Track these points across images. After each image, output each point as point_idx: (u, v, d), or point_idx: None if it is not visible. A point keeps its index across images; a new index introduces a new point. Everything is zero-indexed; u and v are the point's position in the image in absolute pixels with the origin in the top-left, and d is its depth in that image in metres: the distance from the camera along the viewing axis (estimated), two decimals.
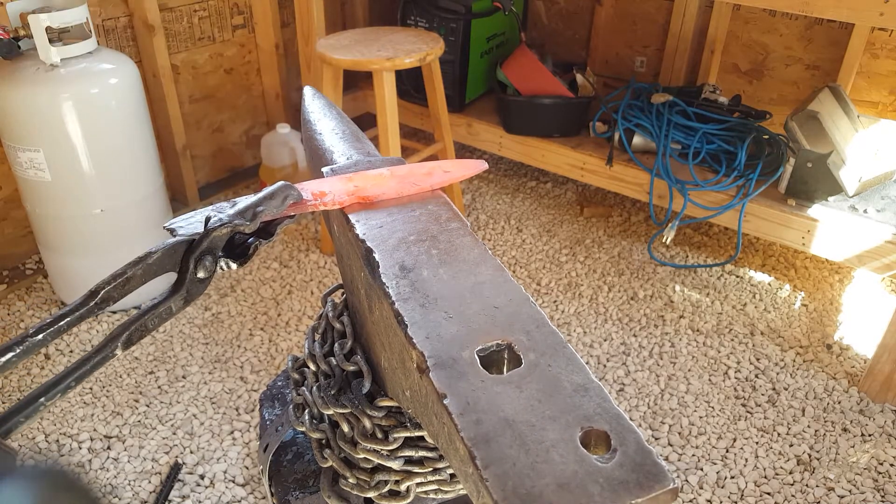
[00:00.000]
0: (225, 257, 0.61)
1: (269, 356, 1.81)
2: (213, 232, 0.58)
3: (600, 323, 1.95)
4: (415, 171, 0.73)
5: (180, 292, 0.58)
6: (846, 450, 1.57)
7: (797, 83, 2.35)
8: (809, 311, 2.00)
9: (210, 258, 0.59)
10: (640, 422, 1.64)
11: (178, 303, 0.59)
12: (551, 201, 2.53)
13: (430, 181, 0.72)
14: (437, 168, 0.74)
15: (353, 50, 1.89)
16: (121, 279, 0.55)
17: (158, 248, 0.57)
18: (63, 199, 1.75)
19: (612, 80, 2.72)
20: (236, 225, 0.59)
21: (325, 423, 0.76)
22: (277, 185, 0.64)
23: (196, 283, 0.59)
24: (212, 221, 0.59)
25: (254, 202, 0.62)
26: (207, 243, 0.59)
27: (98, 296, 0.54)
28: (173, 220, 0.61)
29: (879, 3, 1.52)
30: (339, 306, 0.83)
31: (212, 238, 0.59)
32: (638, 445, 0.43)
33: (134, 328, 0.56)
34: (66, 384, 0.52)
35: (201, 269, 0.59)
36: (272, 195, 0.63)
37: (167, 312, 0.58)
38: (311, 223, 2.37)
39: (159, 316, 0.57)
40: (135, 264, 0.55)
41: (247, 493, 1.46)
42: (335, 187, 0.69)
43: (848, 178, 1.89)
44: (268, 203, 0.63)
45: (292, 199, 0.65)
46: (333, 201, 0.68)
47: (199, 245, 0.58)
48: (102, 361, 0.54)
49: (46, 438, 1.58)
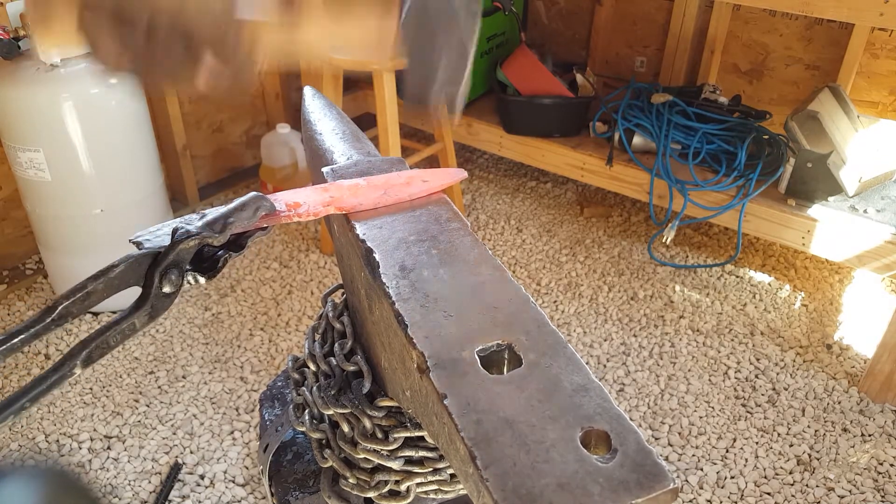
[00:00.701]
0: (193, 271, 0.58)
1: (269, 356, 1.81)
2: (179, 244, 0.56)
3: (600, 323, 1.95)
4: (392, 180, 0.71)
5: (144, 308, 0.55)
6: (846, 450, 1.57)
7: (797, 83, 2.35)
8: (809, 311, 2.00)
9: (176, 272, 0.56)
10: (640, 422, 1.64)
11: (142, 319, 0.55)
12: (551, 201, 2.53)
13: (408, 191, 0.70)
14: (416, 178, 0.72)
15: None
16: (80, 293, 0.52)
17: (121, 262, 0.54)
18: (63, 199, 1.75)
19: (612, 80, 2.72)
20: (204, 237, 0.56)
21: (325, 423, 0.76)
22: (249, 197, 0.62)
23: (161, 297, 0.56)
24: (178, 233, 0.56)
25: (224, 213, 0.59)
26: (173, 256, 0.56)
27: (56, 311, 0.51)
28: (139, 233, 0.58)
29: (879, 3, 1.52)
30: (339, 306, 0.83)
31: (178, 251, 0.56)
32: (638, 445, 0.43)
33: (95, 345, 0.53)
34: (21, 405, 0.48)
35: (167, 284, 0.56)
36: (243, 206, 0.60)
37: (130, 329, 0.55)
38: (311, 223, 2.37)
39: (122, 332, 0.54)
40: (96, 278, 0.53)
41: (247, 493, 1.46)
42: (310, 198, 0.67)
43: (848, 178, 1.89)
44: (238, 215, 0.60)
45: (264, 210, 0.62)
46: (308, 212, 0.66)
47: (165, 258, 0.55)
48: (60, 380, 0.51)
49: (46, 438, 1.58)
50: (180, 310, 1.97)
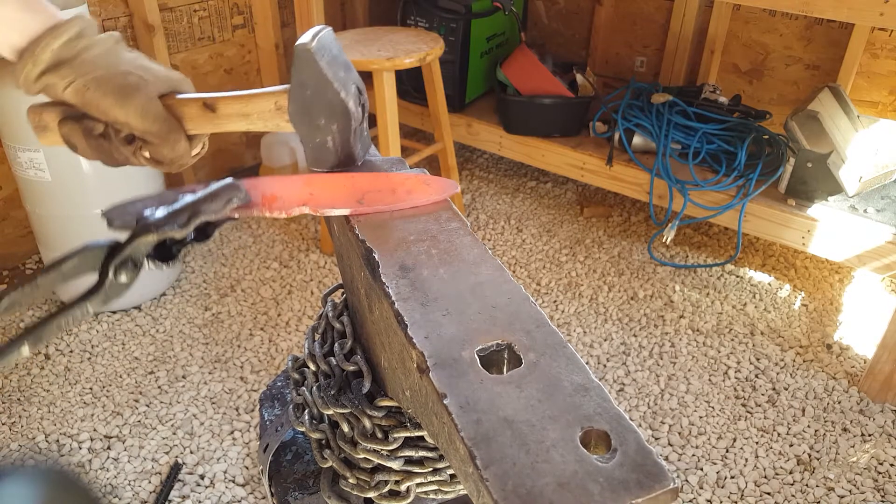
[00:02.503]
0: (152, 258, 0.58)
1: (269, 356, 1.81)
2: (136, 239, 0.55)
3: (600, 323, 1.95)
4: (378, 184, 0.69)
5: (99, 294, 0.55)
6: (846, 450, 1.57)
7: (797, 83, 2.35)
8: (809, 311, 2.00)
9: (131, 265, 0.56)
10: (640, 422, 1.64)
11: (96, 304, 0.55)
12: (551, 201, 2.53)
13: (393, 199, 0.68)
14: (401, 187, 0.69)
15: (353, 50, 1.89)
16: (29, 285, 0.52)
17: (73, 255, 0.54)
18: (63, 199, 1.75)
19: (612, 80, 2.72)
20: (164, 232, 0.56)
21: (324, 423, 0.76)
22: (222, 184, 0.60)
23: (117, 286, 0.56)
24: (138, 227, 0.56)
25: (191, 204, 0.58)
26: (129, 251, 0.55)
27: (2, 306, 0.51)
28: (112, 205, 0.58)
29: (879, 3, 1.52)
30: (339, 306, 0.83)
31: (135, 245, 0.55)
32: (638, 445, 0.43)
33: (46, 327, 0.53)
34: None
35: (123, 275, 0.55)
36: (215, 196, 0.59)
37: (83, 313, 0.55)
38: (311, 223, 2.38)
39: (74, 316, 0.54)
40: (46, 272, 0.53)
41: (247, 493, 1.46)
42: (288, 193, 0.66)
43: (848, 178, 1.89)
44: (207, 206, 0.58)
45: (237, 201, 0.61)
46: (281, 209, 0.64)
47: (121, 252, 0.55)
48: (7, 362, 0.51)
49: (46, 438, 1.58)
50: (180, 310, 1.97)
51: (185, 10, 2.26)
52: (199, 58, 2.36)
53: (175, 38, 2.26)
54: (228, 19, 2.40)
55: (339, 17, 2.84)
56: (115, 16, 2.12)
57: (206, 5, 2.32)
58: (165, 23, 2.21)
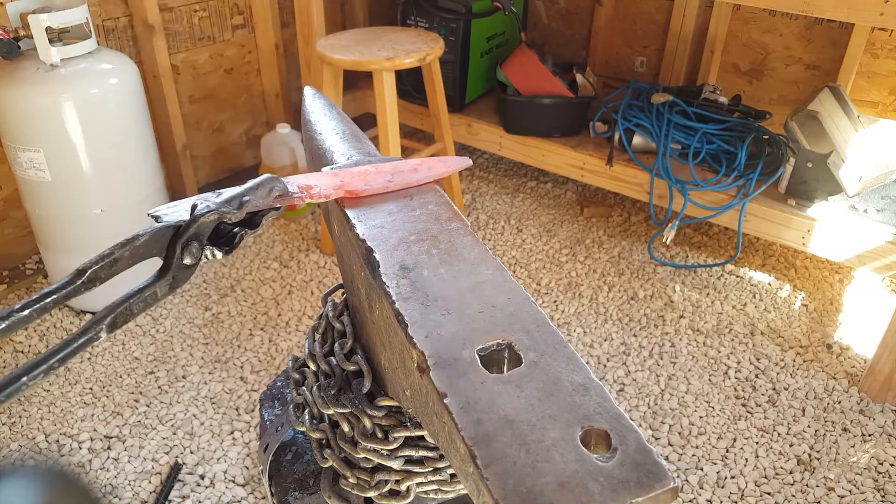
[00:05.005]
0: (211, 245, 0.62)
1: (269, 356, 1.81)
2: (200, 218, 0.59)
3: (600, 323, 1.95)
4: (400, 167, 0.74)
5: (166, 277, 0.58)
6: (846, 450, 1.57)
7: (797, 83, 2.35)
8: (809, 311, 2.00)
9: (196, 245, 0.59)
10: (640, 421, 1.64)
11: (163, 288, 0.59)
12: (551, 201, 2.53)
13: (416, 177, 0.73)
14: (423, 164, 0.75)
15: (353, 50, 1.89)
16: (108, 259, 0.55)
17: (146, 232, 0.57)
18: (63, 199, 1.75)
19: (612, 80, 2.72)
20: (223, 213, 0.60)
21: (325, 422, 0.76)
22: (264, 177, 0.65)
23: (182, 269, 0.59)
24: (199, 208, 0.59)
25: (240, 192, 0.63)
26: (194, 229, 0.59)
27: (85, 275, 0.54)
28: (158, 207, 0.61)
29: (879, 3, 1.52)
30: (339, 306, 0.83)
31: (199, 224, 0.59)
32: (638, 445, 0.43)
33: (119, 311, 0.56)
34: (49, 364, 0.51)
35: (188, 256, 0.59)
36: (258, 186, 0.64)
37: (152, 297, 0.58)
38: (311, 223, 2.38)
39: (144, 300, 0.57)
40: (122, 246, 0.55)
41: (247, 493, 1.46)
42: (321, 181, 0.70)
43: (848, 178, 1.89)
44: (254, 193, 0.63)
45: (278, 190, 0.66)
46: (320, 194, 0.69)
47: (186, 231, 0.58)
48: (87, 343, 0.54)
49: (46, 438, 1.58)
50: (180, 310, 1.97)
51: (185, 10, 2.26)
52: (199, 58, 2.36)
53: (175, 38, 2.26)
54: (228, 19, 2.40)
55: (339, 17, 2.84)
56: (115, 16, 2.12)
57: (206, 5, 2.32)
58: (165, 23, 2.21)
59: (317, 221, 2.37)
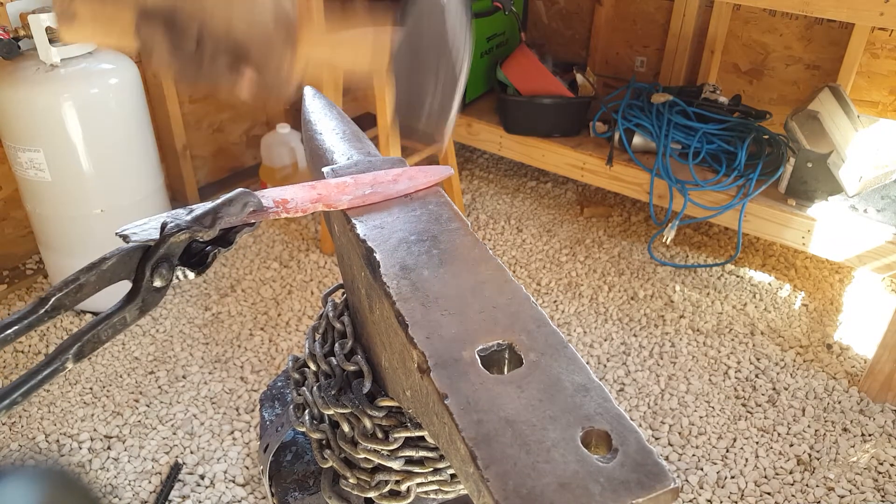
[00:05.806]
0: (182, 266, 0.58)
1: (269, 356, 1.81)
2: (169, 238, 0.56)
3: (600, 323, 1.95)
4: (380, 178, 0.72)
5: (135, 302, 0.55)
6: (846, 450, 1.57)
7: (797, 83, 2.35)
8: (809, 311, 2.00)
9: (167, 266, 0.56)
10: (640, 422, 1.64)
11: (132, 313, 0.55)
12: (551, 201, 2.53)
13: (396, 188, 0.71)
14: (403, 175, 0.73)
15: None
16: (73, 286, 0.52)
17: (113, 254, 0.54)
18: (63, 199, 1.75)
19: (612, 80, 2.72)
20: (194, 231, 0.57)
21: (325, 423, 0.76)
22: (236, 192, 0.62)
23: (152, 292, 0.56)
24: (169, 227, 0.56)
25: (212, 208, 0.59)
26: (164, 250, 0.56)
27: (49, 303, 0.51)
28: (126, 226, 0.58)
29: (879, 3, 1.52)
30: (339, 306, 0.83)
31: (168, 245, 0.56)
32: (639, 445, 0.43)
33: (86, 339, 0.53)
34: (12, 399, 0.48)
35: (157, 278, 0.56)
36: (231, 202, 0.61)
37: (121, 323, 0.55)
38: (311, 223, 2.37)
39: (113, 327, 0.54)
40: (88, 270, 0.53)
41: (247, 493, 1.46)
42: (298, 195, 0.67)
43: (848, 178, 1.88)
44: (226, 210, 0.60)
45: (252, 206, 0.62)
46: (297, 208, 0.66)
47: (156, 252, 0.56)
48: (52, 374, 0.51)
49: (46, 438, 1.58)
50: (180, 310, 1.97)
51: None
52: None
53: None
54: None
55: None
56: None
57: None
58: None
59: (317, 221, 2.37)
